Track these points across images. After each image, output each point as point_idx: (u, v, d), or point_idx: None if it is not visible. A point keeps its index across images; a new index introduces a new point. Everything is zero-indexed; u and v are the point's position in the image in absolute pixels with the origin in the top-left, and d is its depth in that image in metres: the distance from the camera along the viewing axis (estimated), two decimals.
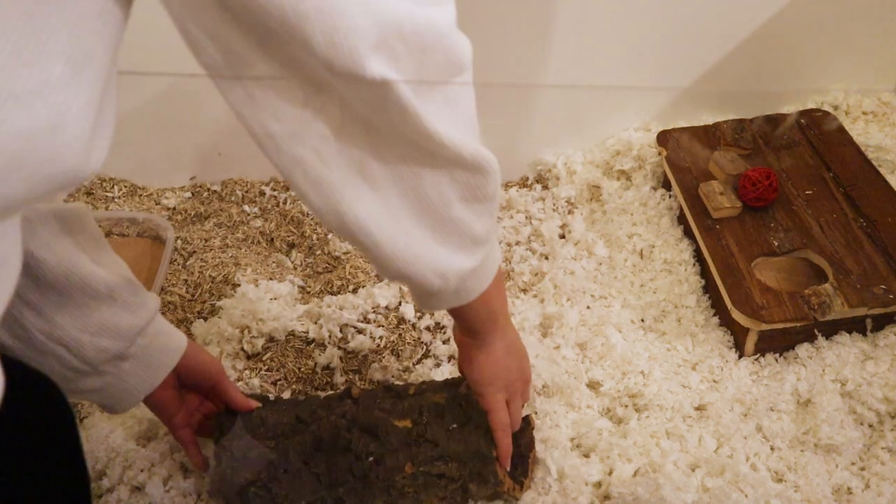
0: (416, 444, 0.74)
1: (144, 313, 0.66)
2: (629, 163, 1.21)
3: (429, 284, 0.56)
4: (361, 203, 0.49)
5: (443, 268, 0.55)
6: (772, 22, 1.19)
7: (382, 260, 0.53)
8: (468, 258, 0.57)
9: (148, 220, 1.15)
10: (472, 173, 0.52)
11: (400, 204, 0.51)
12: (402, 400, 0.76)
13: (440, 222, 0.53)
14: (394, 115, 0.45)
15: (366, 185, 0.49)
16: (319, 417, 0.76)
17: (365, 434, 0.74)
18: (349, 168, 0.48)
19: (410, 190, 0.51)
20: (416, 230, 0.52)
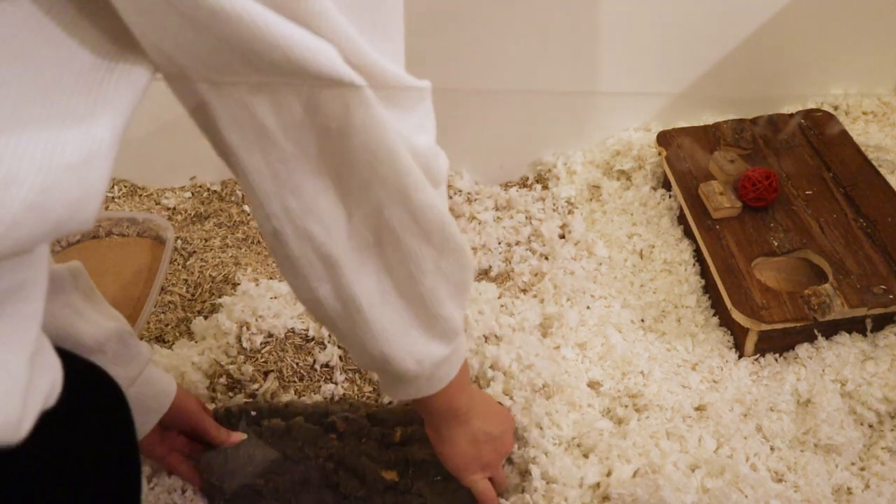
0: (402, 494, 0.76)
1: (134, 366, 0.68)
2: (629, 163, 1.21)
3: (405, 369, 0.57)
4: (361, 282, 0.50)
5: (421, 354, 0.56)
6: (772, 22, 1.19)
7: (367, 339, 0.54)
8: (445, 347, 0.58)
9: (148, 220, 1.15)
10: (463, 268, 0.54)
11: (395, 291, 0.52)
12: (387, 449, 0.78)
13: (429, 316, 0.55)
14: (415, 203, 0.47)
15: (367, 266, 0.50)
16: (307, 456, 0.79)
17: (352, 477, 0.77)
18: (357, 248, 0.49)
19: (409, 284, 0.52)
20: (405, 317, 0.54)
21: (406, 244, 0.49)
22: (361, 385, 0.93)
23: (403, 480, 0.76)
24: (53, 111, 0.34)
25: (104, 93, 0.36)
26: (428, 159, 0.47)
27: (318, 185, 0.45)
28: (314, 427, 0.80)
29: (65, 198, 0.35)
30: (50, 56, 0.34)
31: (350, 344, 0.56)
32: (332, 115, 0.41)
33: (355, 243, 0.49)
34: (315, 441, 0.79)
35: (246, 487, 0.78)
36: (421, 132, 0.47)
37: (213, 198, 1.25)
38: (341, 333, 0.55)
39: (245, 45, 0.36)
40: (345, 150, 0.43)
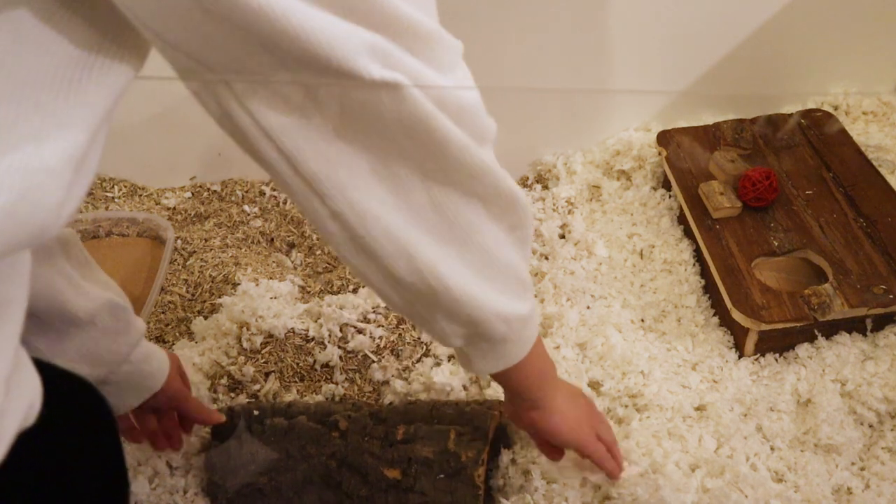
0: (404, 493, 0.76)
1: (127, 340, 0.66)
2: (629, 163, 1.21)
3: (494, 331, 0.56)
4: (432, 249, 0.50)
5: (507, 312, 0.55)
6: (772, 22, 1.19)
7: (452, 307, 0.53)
8: (523, 303, 0.57)
9: (148, 220, 1.15)
10: (522, 220, 0.54)
11: (466, 253, 0.51)
12: (390, 447, 0.78)
13: (501, 272, 0.54)
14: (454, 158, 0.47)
15: (435, 232, 0.50)
16: (309, 455, 0.78)
17: (355, 475, 0.77)
18: (421, 217, 0.49)
19: (475, 242, 0.51)
20: (481, 277, 0.53)
21: (463, 204, 0.49)
22: (362, 385, 0.93)
23: (406, 479, 0.76)
24: (28, 113, 0.33)
25: (83, 92, 0.35)
26: (473, 115, 0.47)
27: (366, 172, 0.45)
28: (317, 426, 0.80)
29: (44, 202, 0.34)
30: (22, 54, 0.33)
31: (433, 319, 0.54)
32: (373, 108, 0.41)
33: (418, 213, 0.48)
34: (318, 440, 0.79)
35: (248, 486, 0.78)
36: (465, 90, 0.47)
37: (213, 198, 1.25)
38: (424, 309, 0.53)
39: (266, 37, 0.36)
40: (392, 129, 0.43)
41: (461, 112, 0.45)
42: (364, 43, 0.39)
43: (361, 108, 0.42)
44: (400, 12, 0.40)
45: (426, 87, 0.42)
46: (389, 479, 0.76)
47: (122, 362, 0.66)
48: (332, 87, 0.40)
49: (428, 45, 0.42)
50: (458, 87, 0.45)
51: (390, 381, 0.92)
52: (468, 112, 0.46)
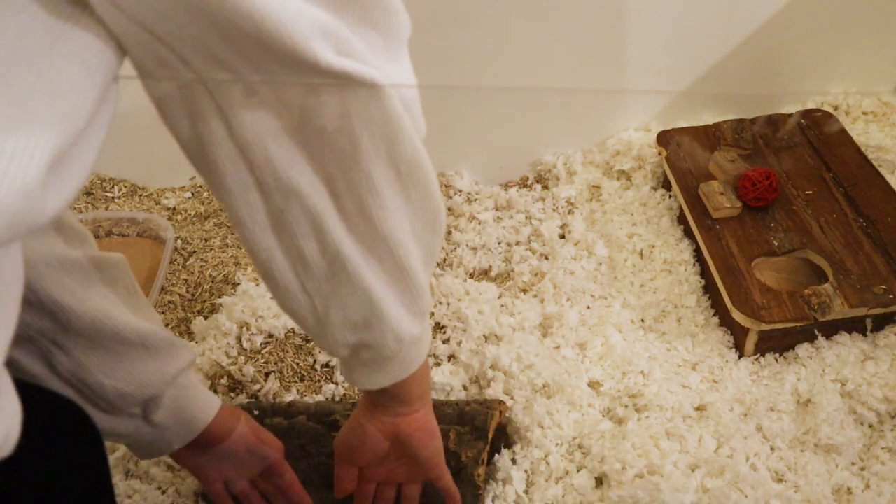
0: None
1: (176, 363, 0.63)
2: (629, 163, 1.21)
3: (384, 346, 0.55)
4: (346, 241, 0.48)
5: (402, 330, 0.54)
6: (772, 22, 1.19)
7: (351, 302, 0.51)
8: (419, 323, 0.56)
9: (148, 220, 1.15)
10: (437, 234, 0.52)
11: (375, 253, 0.50)
12: None
13: (405, 283, 0.52)
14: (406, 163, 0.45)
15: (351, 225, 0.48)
16: (309, 455, 0.78)
17: None
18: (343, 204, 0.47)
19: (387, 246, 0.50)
20: (385, 284, 0.51)
21: (388, 203, 0.47)
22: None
23: None
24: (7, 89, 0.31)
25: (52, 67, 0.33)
26: (416, 109, 0.46)
27: (301, 138, 0.43)
28: (317, 426, 0.80)
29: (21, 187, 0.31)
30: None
31: (327, 322, 0.53)
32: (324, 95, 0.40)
33: (341, 199, 0.47)
34: (317, 439, 0.79)
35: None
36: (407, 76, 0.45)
37: (213, 198, 1.25)
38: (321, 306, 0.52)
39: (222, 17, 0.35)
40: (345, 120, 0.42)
41: (409, 105, 0.44)
42: (318, 24, 0.37)
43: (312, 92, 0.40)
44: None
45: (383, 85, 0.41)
46: None
47: (169, 385, 0.63)
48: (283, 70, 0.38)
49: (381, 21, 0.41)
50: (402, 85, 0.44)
51: None
52: (413, 105, 0.45)
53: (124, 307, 0.61)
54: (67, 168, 0.35)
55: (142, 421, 0.63)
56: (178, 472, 0.84)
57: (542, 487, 0.80)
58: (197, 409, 0.66)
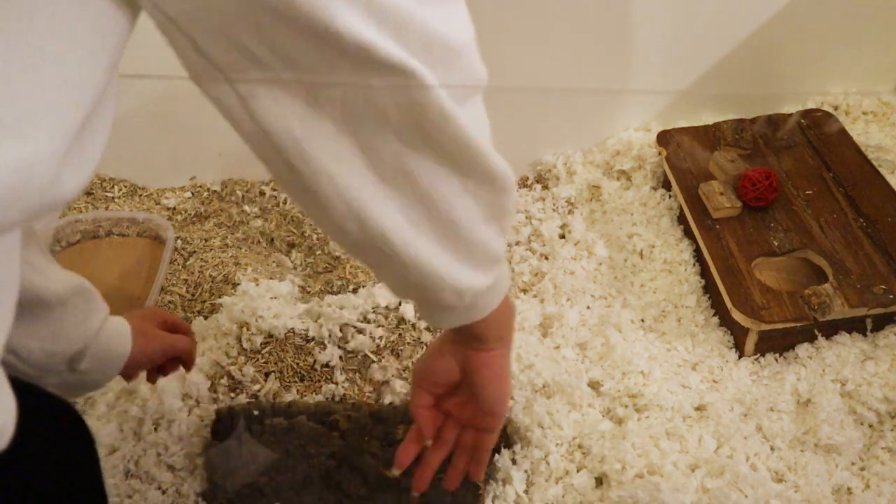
0: (404, 493, 0.76)
1: (95, 318, 0.67)
2: (629, 163, 1.21)
3: (444, 301, 0.54)
4: (388, 217, 0.47)
5: (461, 286, 0.53)
6: (772, 22, 1.19)
7: (399, 271, 0.51)
8: (485, 276, 0.55)
9: (148, 220, 1.15)
10: (498, 192, 0.51)
11: (427, 223, 0.49)
12: (390, 447, 0.78)
13: (465, 244, 0.52)
14: (433, 124, 0.44)
15: (393, 199, 0.47)
16: (309, 455, 0.78)
17: (355, 475, 0.77)
18: (379, 181, 0.46)
19: (441, 211, 0.49)
20: (439, 248, 0.51)
21: (435, 171, 0.46)
22: (362, 385, 0.93)
23: (406, 478, 0.76)
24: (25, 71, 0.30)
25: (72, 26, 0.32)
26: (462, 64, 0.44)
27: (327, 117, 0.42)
28: (317, 426, 0.80)
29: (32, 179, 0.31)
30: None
31: (382, 276, 0.53)
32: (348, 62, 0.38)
33: (377, 176, 0.45)
34: (317, 439, 0.79)
35: (249, 486, 0.78)
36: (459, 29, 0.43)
37: (213, 198, 1.25)
38: (371, 266, 0.52)
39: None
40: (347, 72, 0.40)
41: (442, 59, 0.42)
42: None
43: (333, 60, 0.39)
44: None
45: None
46: (389, 479, 0.76)
47: (92, 339, 0.67)
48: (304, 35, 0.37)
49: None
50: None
51: (390, 381, 0.92)
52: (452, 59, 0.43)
53: (38, 269, 0.63)
54: (83, 145, 0.35)
55: (67, 373, 0.66)
56: (177, 472, 0.84)
57: (542, 487, 0.80)
58: (116, 350, 0.71)
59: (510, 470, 0.82)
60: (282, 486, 0.78)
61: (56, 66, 0.32)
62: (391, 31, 0.39)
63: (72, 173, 0.34)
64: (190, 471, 0.84)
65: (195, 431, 0.86)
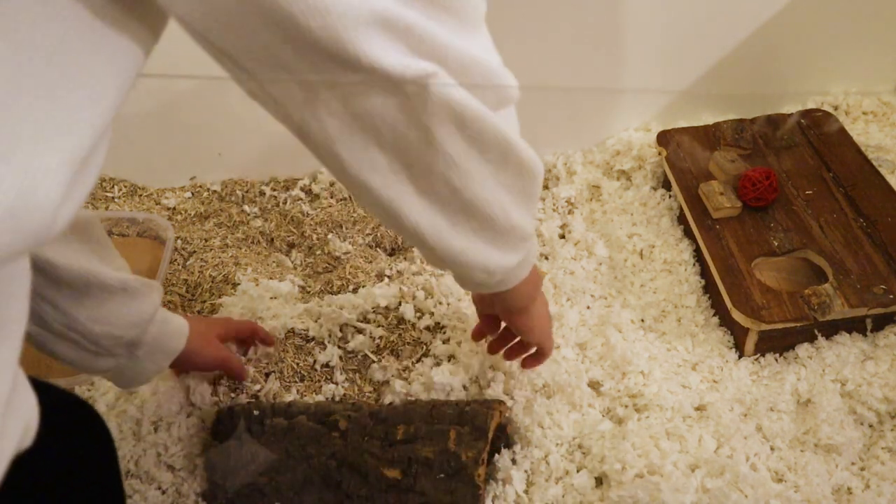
0: (404, 493, 0.76)
1: (151, 303, 0.71)
2: (629, 163, 1.21)
3: (475, 278, 0.60)
4: (424, 216, 0.51)
5: (491, 266, 0.58)
6: (772, 22, 1.19)
7: (435, 255, 0.56)
8: (515, 255, 0.60)
9: (148, 220, 1.15)
10: (529, 179, 0.55)
11: (466, 222, 0.53)
12: (390, 447, 0.78)
13: (497, 230, 0.56)
14: (472, 128, 0.47)
15: (428, 197, 0.51)
16: (309, 455, 0.79)
17: (355, 475, 0.77)
18: (420, 192, 0.50)
19: (478, 209, 0.53)
20: (473, 236, 0.55)
21: (470, 166, 0.50)
22: (362, 385, 0.93)
23: (406, 479, 0.76)
24: (30, 95, 0.31)
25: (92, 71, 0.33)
26: (492, 80, 0.47)
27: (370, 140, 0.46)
28: (317, 426, 0.80)
29: (40, 204, 0.32)
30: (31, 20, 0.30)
31: (417, 249, 0.59)
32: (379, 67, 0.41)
33: (418, 186, 0.49)
34: (318, 440, 0.79)
35: (249, 486, 0.78)
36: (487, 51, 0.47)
37: (213, 198, 1.25)
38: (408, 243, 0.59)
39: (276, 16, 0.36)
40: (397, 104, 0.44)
41: (466, 73, 0.45)
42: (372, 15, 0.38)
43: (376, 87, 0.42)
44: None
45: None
46: (389, 479, 0.76)
47: (149, 323, 0.71)
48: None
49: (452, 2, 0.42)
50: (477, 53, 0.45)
51: (390, 381, 0.92)
52: (476, 75, 0.46)
53: (100, 258, 0.67)
54: (81, 176, 0.35)
55: (126, 358, 0.70)
56: (177, 473, 0.84)
57: (542, 487, 0.80)
58: (170, 343, 0.75)
59: (510, 470, 0.82)
60: (282, 487, 0.78)
61: (67, 102, 0.33)
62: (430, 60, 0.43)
63: (68, 205, 0.35)
64: (190, 471, 0.84)
65: (195, 432, 0.86)
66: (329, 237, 1.14)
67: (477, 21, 0.46)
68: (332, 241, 1.13)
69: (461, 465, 0.75)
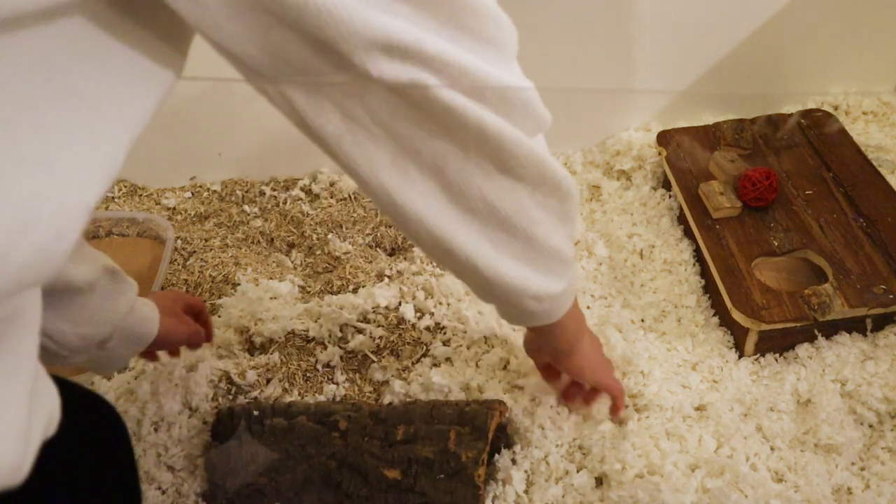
0: (404, 493, 0.76)
1: (124, 301, 0.69)
2: (629, 163, 1.21)
3: (525, 307, 0.60)
4: (470, 244, 0.52)
5: (540, 291, 0.59)
6: (772, 22, 1.19)
7: (484, 287, 0.56)
8: (561, 281, 0.61)
9: (148, 220, 1.15)
10: (563, 199, 0.56)
11: (508, 244, 0.54)
12: (390, 447, 0.78)
13: (542, 254, 0.57)
14: (509, 152, 0.49)
15: (477, 228, 0.52)
16: (309, 455, 0.79)
17: (355, 475, 0.77)
18: (464, 213, 0.51)
19: (519, 230, 0.54)
20: (519, 262, 0.56)
21: (509, 192, 0.51)
22: (362, 385, 0.93)
23: (406, 479, 0.76)
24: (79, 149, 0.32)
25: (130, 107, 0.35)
26: (523, 106, 0.49)
27: (409, 162, 0.47)
28: (317, 426, 0.80)
29: (70, 239, 0.33)
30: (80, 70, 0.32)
31: (466, 284, 0.60)
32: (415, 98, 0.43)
33: (459, 209, 0.50)
34: (318, 440, 0.79)
35: (249, 486, 0.78)
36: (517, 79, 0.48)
37: (213, 198, 1.25)
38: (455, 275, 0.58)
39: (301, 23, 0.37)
40: (433, 126, 0.45)
41: (506, 102, 0.46)
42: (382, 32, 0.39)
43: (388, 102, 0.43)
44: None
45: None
46: (389, 480, 0.76)
47: (121, 320, 0.69)
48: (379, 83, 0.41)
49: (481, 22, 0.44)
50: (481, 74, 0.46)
51: (390, 381, 0.92)
52: (516, 104, 0.47)
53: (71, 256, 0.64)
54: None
55: (97, 351, 0.69)
56: (178, 473, 0.84)
57: (542, 487, 0.80)
58: (143, 331, 0.74)
59: (510, 470, 0.82)
60: (282, 487, 0.78)
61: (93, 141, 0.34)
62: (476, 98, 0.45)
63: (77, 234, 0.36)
64: (190, 471, 0.84)
65: (195, 433, 0.86)
66: (329, 237, 1.14)
67: (512, 54, 0.48)
68: (332, 241, 1.13)
69: (461, 466, 0.75)
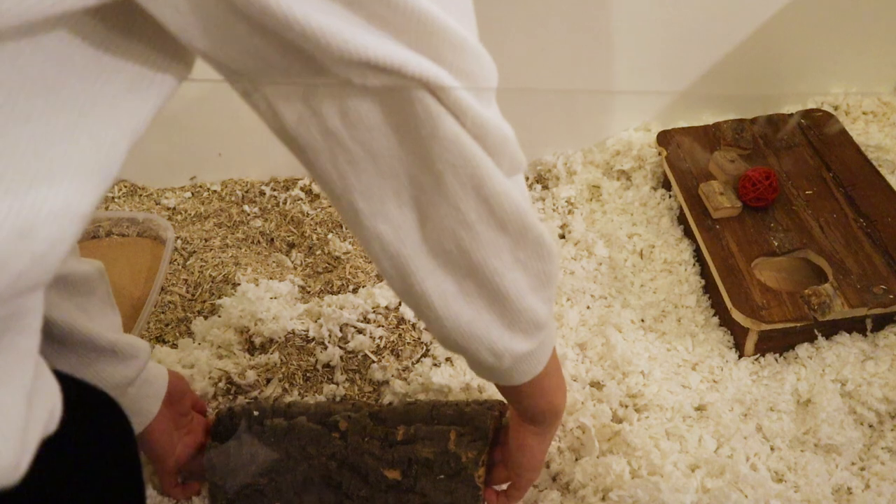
0: (404, 494, 0.76)
1: (136, 365, 0.69)
2: (629, 163, 1.21)
3: (482, 360, 0.56)
4: (431, 281, 0.49)
5: (499, 348, 0.54)
6: (772, 22, 1.19)
7: (440, 330, 0.53)
8: (527, 342, 0.56)
9: (148, 220, 1.15)
10: (545, 260, 0.52)
11: (471, 287, 0.51)
12: (390, 448, 0.78)
13: (508, 310, 0.53)
14: (492, 198, 0.46)
15: (440, 264, 0.49)
16: (309, 456, 0.79)
17: (355, 476, 0.77)
18: (429, 247, 0.48)
19: (492, 283, 0.50)
20: (481, 312, 0.52)
21: (481, 237, 0.48)
22: (362, 385, 0.93)
23: (406, 479, 0.76)
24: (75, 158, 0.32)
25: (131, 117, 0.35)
26: (511, 147, 0.46)
27: (386, 187, 0.44)
28: (317, 426, 0.80)
29: (66, 245, 0.33)
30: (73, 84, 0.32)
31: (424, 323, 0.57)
32: (396, 113, 0.41)
33: (428, 243, 0.48)
34: (317, 440, 0.79)
35: (248, 487, 0.78)
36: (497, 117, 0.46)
37: (213, 198, 1.25)
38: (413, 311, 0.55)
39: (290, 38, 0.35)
40: (413, 147, 0.42)
41: (486, 136, 0.44)
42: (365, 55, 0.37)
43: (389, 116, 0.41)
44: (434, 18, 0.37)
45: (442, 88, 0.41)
46: (389, 480, 0.76)
47: (129, 385, 0.69)
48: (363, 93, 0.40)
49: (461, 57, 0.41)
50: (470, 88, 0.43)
51: (390, 381, 0.92)
52: (496, 139, 0.45)
53: (97, 315, 0.65)
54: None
55: None
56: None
57: (542, 487, 0.80)
58: (150, 402, 0.73)
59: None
60: (282, 487, 0.78)
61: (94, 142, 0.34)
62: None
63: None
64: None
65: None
66: (329, 237, 1.14)
67: (491, 92, 0.45)
68: (333, 241, 1.13)
69: (461, 466, 0.75)
